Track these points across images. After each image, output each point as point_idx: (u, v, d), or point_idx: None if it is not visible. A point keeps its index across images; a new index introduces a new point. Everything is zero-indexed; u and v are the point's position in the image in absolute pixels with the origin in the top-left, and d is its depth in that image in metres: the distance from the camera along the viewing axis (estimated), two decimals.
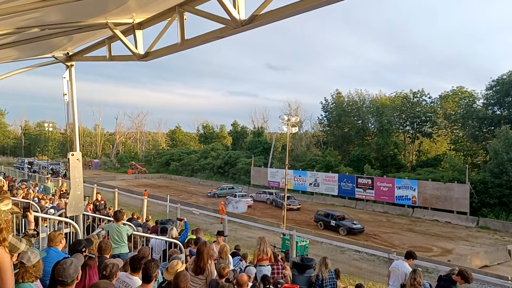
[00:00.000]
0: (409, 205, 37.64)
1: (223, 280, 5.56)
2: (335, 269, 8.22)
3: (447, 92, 50.57)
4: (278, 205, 37.72)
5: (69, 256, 4.83)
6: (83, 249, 4.95)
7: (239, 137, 73.97)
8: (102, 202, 16.65)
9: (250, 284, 6.18)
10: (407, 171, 46.93)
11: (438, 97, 52.07)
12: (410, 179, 39.03)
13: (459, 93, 49.09)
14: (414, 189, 37.32)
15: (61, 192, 16.43)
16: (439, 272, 18.36)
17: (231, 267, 7.53)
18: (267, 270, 8.44)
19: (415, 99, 53.21)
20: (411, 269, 7.25)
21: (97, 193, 19.46)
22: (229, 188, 46.51)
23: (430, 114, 52.97)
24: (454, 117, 49.12)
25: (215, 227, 23.55)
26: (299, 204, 38.40)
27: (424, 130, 54.05)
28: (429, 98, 52.71)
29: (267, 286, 7.07)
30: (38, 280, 4.11)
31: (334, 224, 29.34)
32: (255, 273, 7.31)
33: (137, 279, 4.85)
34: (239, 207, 36.43)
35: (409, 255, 8.04)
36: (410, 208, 37.50)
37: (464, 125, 48.02)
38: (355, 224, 29.33)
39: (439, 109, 51.98)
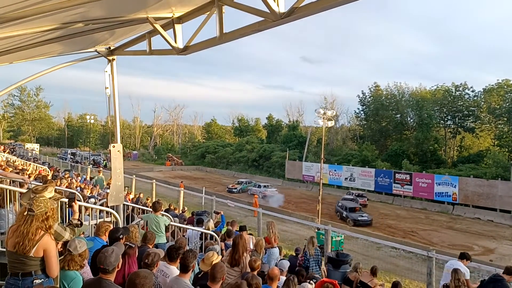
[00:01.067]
0: (449, 202, 36.43)
1: (255, 272, 5.56)
2: (372, 266, 8.11)
3: (492, 85, 48.41)
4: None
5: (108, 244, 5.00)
6: (121, 236, 5.09)
7: (274, 131, 73.85)
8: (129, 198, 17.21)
9: (283, 278, 6.16)
10: (448, 167, 45.44)
11: (481, 90, 50.01)
12: (450, 175, 37.71)
13: (505, 86, 46.84)
14: (455, 185, 36.08)
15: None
16: (480, 272, 17.80)
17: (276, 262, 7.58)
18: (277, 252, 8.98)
19: (457, 93, 51.33)
20: (467, 270, 7.42)
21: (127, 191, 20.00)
22: (248, 182, 45.96)
23: (473, 108, 50.93)
24: (499, 112, 46.98)
25: (249, 220, 23.72)
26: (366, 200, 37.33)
27: (466, 124, 52.07)
28: (472, 91, 50.75)
29: (302, 280, 7.04)
30: (88, 267, 4.27)
31: (344, 216, 30.79)
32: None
33: (174, 269, 4.95)
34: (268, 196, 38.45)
35: (464, 256, 7.99)
36: (450, 205, 36.30)
37: (509, 119, 45.87)
38: (362, 216, 30.10)
39: (482, 103, 49.84)
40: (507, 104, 46.02)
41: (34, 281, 3.47)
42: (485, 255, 22.88)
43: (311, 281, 6.78)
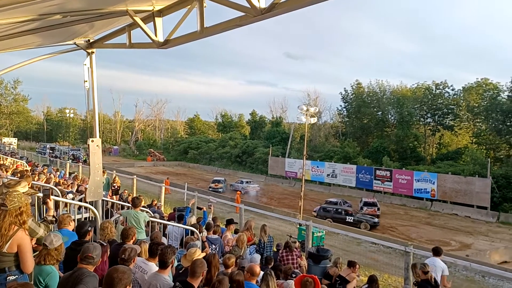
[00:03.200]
0: (428, 198, 37.14)
1: (229, 270, 5.53)
2: (350, 260, 8.24)
3: (471, 84, 49.32)
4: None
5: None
6: (89, 229, 5.06)
7: (257, 127, 73.86)
8: (117, 185, 17.19)
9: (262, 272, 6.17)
10: (427, 164, 46.29)
11: (461, 89, 50.93)
12: (429, 172, 38.44)
13: (484, 85, 47.80)
14: (434, 182, 36.77)
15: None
16: (456, 266, 18.23)
17: (248, 257, 7.57)
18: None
19: (437, 91, 52.11)
20: (445, 266, 7.95)
21: (115, 176, 19.91)
22: (224, 181, 43.39)
23: (452, 106, 51.83)
24: (477, 110, 47.92)
25: (232, 216, 23.68)
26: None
27: (446, 122, 52.94)
28: (452, 90, 51.56)
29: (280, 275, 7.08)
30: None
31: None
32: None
33: (153, 265, 4.92)
34: (249, 192, 39.68)
35: (437, 252, 8.33)
36: (429, 201, 37.01)
37: (487, 118, 46.83)
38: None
39: (462, 101, 50.75)
40: (485, 102, 46.95)
41: (8, 277, 3.40)
42: (461, 250, 23.40)
43: (292, 276, 6.85)
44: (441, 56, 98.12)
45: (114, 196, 15.18)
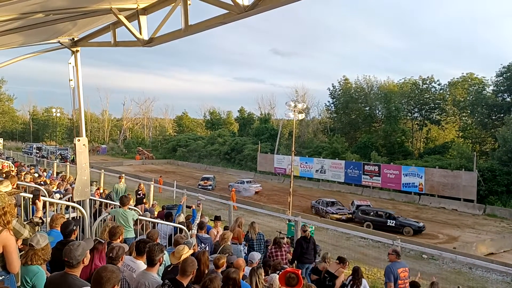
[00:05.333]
0: (416, 193, 37.56)
1: (219, 270, 5.52)
2: (340, 256, 8.32)
3: (457, 78, 50.03)
4: (320, 214, 29.76)
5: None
6: (74, 228, 5.04)
7: (245, 124, 73.85)
8: (142, 193, 16.03)
9: (248, 268, 6.20)
10: (415, 158, 46.74)
11: (447, 83, 51.60)
12: (417, 166, 38.86)
13: (469, 80, 48.51)
14: (421, 176, 37.19)
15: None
16: (444, 259, 18.51)
17: (236, 254, 7.60)
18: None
19: (424, 86, 52.70)
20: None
21: (140, 183, 17.88)
22: (213, 178, 43.00)
23: (438, 101, 52.47)
24: (463, 104, 48.63)
25: (221, 213, 23.66)
26: (349, 214, 28.92)
27: (433, 117, 53.63)
28: (439, 84, 52.22)
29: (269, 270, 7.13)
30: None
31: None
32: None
33: (141, 263, 4.92)
34: (248, 192, 37.68)
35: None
36: (417, 195, 37.44)
37: (473, 112, 47.51)
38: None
39: (448, 96, 51.43)
40: (471, 97, 47.62)
41: None
42: (449, 243, 23.74)
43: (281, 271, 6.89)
44: (427, 51, 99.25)
45: (139, 206, 13.78)
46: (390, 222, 25.81)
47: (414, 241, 19.39)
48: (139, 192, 16.00)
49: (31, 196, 5.89)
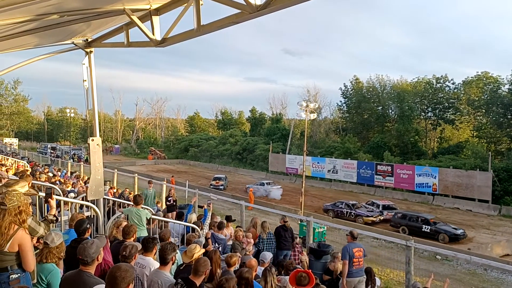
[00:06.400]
0: (430, 193, 37.17)
1: (232, 269, 5.52)
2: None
3: (471, 77, 49.31)
4: (344, 217, 28.51)
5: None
6: (88, 226, 5.08)
7: (257, 124, 73.82)
8: (172, 199, 14.94)
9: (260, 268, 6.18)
10: (428, 158, 46.27)
11: (461, 82, 50.92)
12: (431, 167, 38.43)
13: (484, 79, 47.77)
14: (435, 176, 36.78)
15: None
16: (458, 260, 18.26)
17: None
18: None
19: (438, 85, 52.09)
20: None
21: (171, 188, 17.76)
22: (225, 178, 43.04)
23: (453, 100, 51.83)
24: (478, 103, 47.93)
25: (233, 213, 23.70)
26: (380, 215, 28.15)
27: (447, 116, 52.94)
28: (453, 83, 51.58)
29: (282, 270, 7.11)
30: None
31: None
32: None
33: (150, 259, 4.95)
34: (273, 195, 37.02)
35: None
36: (431, 195, 37.05)
37: (488, 111, 46.85)
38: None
39: (462, 95, 50.74)
40: (486, 96, 46.93)
41: (10, 276, 3.43)
42: (464, 244, 23.40)
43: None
44: (441, 50, 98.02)
45: (171, 214, 12.44)
46: (425, 228, 24.70)
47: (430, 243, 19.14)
48: (169, 199, 14.95)
49: (44, 194, 5.96)
